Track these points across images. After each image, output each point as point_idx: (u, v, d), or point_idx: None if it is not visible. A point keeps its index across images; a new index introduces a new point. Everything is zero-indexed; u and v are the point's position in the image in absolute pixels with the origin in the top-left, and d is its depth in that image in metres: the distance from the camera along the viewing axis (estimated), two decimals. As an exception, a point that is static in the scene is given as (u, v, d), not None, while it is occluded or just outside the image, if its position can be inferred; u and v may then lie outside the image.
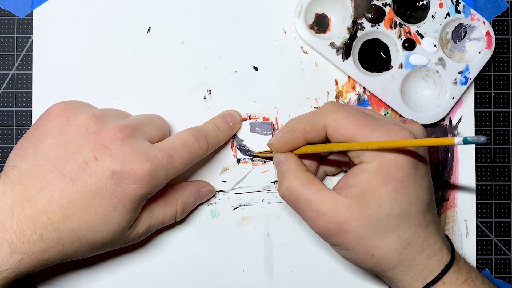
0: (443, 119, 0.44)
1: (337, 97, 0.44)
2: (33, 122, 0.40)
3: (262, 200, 0.44)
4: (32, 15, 0.43)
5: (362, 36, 0.43)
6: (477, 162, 0.45)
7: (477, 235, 0.44)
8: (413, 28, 0.43)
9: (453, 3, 0.43)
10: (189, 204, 0.41)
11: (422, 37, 0.43)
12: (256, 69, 0.44)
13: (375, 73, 0.44)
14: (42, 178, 0.34)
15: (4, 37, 0.43)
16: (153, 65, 0.43)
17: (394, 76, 0.43)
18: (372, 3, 0.43)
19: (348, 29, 0.43)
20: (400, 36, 0.43)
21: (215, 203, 0.44)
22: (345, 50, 0.43)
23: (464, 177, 0.45)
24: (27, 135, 0.36)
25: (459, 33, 0.44)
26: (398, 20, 0.43)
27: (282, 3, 0.44)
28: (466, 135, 0.34)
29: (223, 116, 0.42)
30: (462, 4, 0.43)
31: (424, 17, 0.43)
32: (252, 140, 0.44)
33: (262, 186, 0.44)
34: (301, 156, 0.39)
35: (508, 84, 0.45)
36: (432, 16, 0.43)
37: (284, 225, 0.44)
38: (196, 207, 0.43)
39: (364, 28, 0.43)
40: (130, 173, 0.34)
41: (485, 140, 0.28)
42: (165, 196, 0.40)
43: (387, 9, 0.43)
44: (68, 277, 0.43)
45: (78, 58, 0.43)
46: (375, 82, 0.43)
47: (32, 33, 0.43)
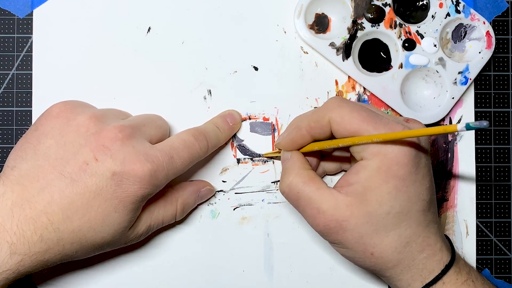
0: (443, 119, 0.44)
1: (337, 97, 0.44)
2: (33, 122, 0.40)
3: (262, 200, 0.44)
4: (32, 15, 0.43)
5: (362, 36, 0.43)
6: (477, 162, 0.45)
7: (477, 235, 0.44)
8: (413, 28, 0.43)
9: (453, 3, 0.43)
10: (189, 204, 0.41)
11: (422, 37, 0.43)
12: (256, 69, 0.44)
13: (375, 73, 0.44)
14: (42, 179, 0.34)
15: (4, 37, 0.43)
16: (153, 65, 0.43)
17: (394, 76, 0.43)
18: (372, 3, 0.43)
19: (348, 29, 0.43)
20: (400, 36, 0.43)
21: (215, 203, 0.44)
22: (345, 50, 0.43)
23: (464, 177, 0.45)
24: (27, 136, 0.36)
25: (459, 33, 0.44)
26: (398, 20, 0.43)
27: (282, 3, 0.44)
28: (468, 121, 0.34)
29: (223, 116, 0.42)
30: (462, 4, 0.43)
31: (424, 17, 0.43)
32: (252, 140, 0.44)
33: (262, 186, 0.44)
34: (305, 153, 0.39)
35: (508, 84, 0.45)
36: (432, 16, 0.43)
37: (284, 225, 0.44)
38: (196, 207, 0.43)
39: (364, 28, 0.43)
40: (131, 174, 0.34)
41: (488, 125, 0.28)
42: (165, 196, 0.40)
43: (387, 9, 0.43)
44: (68, 277, 0.43)
45: (78, 58, 0.43)
46: (375, 82, 0.43)
47: (32, 33, 0.43)
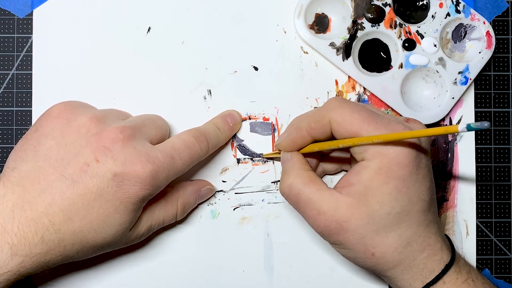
0: (443, 119, 0.44)
1: (337, 97, 0.44)
2: (33, 123, 0.40)
3: (262, 200, 0.44)
4: (32, 15, 0.43)
5: (362, 36, 0.43)
6: (477, 162, 0.45)
7: (477, 235, 0.45)
8: (413, 28, 0.43)
9: (453, 3, 0.43)
10: (190, 204, 0.41)
11: (422, 37, 0.43)
12: (256, 69, 0.44)
13: (375, 73, 0.44)
14: (43, 180, 0.33)
15: (4, 37, 0.43)
16: (153, 65, 0.43)
17: (394, 76, 0.43)
18: (372, 3, 0.43)
19: (348, 29, 0.43)
20: (400, 36, 0.43)
21: (215, 203, 0.44)
22: (345, 50, 0.43)
23: (464, 177, 0.45)
24: (27, 137, 0.36)
25: (459, 33, 0.44)
26: (398, 20, 0.43)
27: (282, 3, 0.44)
28: (469, 122, 0.34)
29: (223, 117, 0.42)
30: (462, 4, 0.43)
31: (424, 17, 0.43)
32: (252, 140, 0.44)
33: (262, 186, 0.44)
34: (305, 154, 0.39)
35: (508, 84, 0.45)
36: (432, 16, 0.43)
37: (284, 225, 0.44)
38: (196, 207, 0.43)
39: (364, 28, 0.43)
40: (132, 175, 0.34)
41: (489, 126, 0.28)
42: (166, 196, 0.40)
43: (387, 9, 0.43)
44: (68, 278, 0.43)
45: (78, 58, 0.43)
46: (375, 82, 0.43)
47: (32, 33, 0.43)
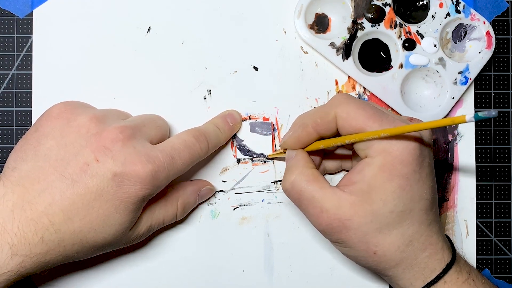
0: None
1: (337, 97, 0.44)
2: (33, 123, 0.40)
3: (262, 200, 0.44)
4: (32, 15, 0.43)
5: (362, 36, 0.43)
6: (477, 162, 0.45)
7: (477, 235, 0.45)
8: (413, 28, 0.43)
9: (453, 3, 0.43)
10: (190, 204, 0.41)
11: (422, 37, 0.43)
12: (256, 69, 0.44)
13: (375, 73, 0.44)
14: (43, 180, 0.33)
15: (4, 37, 0.43)
16: (153, 65, 0.43)
17: (394, 76, 0.43)
18: (372, 3, 0.43)
19: (348, 29, 0.43)
20: (400, 36, 0.43)
21: (215, 203, 0.44)
22: (345, 50, 0.43)
23: (464, 177, 0.45)
24: (27, 136, 0.36)
25: (459, 33, 0.44)
26: (398, 20, 0.43)
27: (282, 3, 0.44)
28: (478, 112, 0.34)
29: (223, 117, 0.42)
30: (462, 4, 0.43)
31: (424, 17, 0.43)
32: (252, 140, 0.44)
33: (262, 186, 0.44)
34: (309, 152, 0.39)
35: (508, 84, 0.45)
36: (432, 16, 0.43)
37: (284, 225, 0.44)
38: (196, 207, 0.43)
39: (364, 28, 0.43)
40: (132, 175, 0.34)
41: (497, 114, 0.28)
42: (166, 196, 0.40)
43: (387, 9, 0.43)
44: (68, 278, 0.43)
45: (78, 58, 0.43)
46: (375, 82, 0.43)
47: (32, 33, 0.43)
